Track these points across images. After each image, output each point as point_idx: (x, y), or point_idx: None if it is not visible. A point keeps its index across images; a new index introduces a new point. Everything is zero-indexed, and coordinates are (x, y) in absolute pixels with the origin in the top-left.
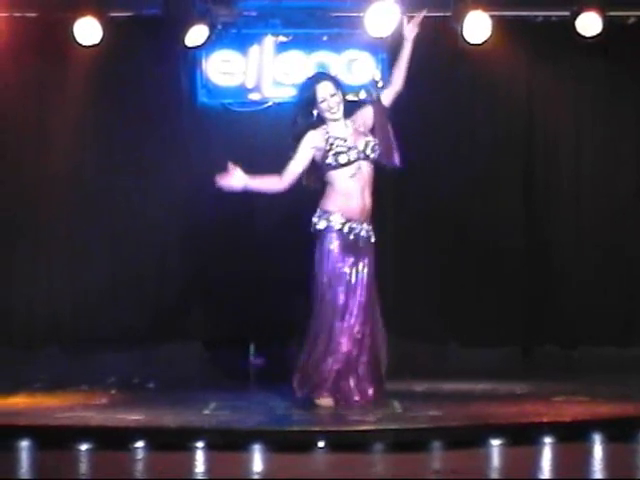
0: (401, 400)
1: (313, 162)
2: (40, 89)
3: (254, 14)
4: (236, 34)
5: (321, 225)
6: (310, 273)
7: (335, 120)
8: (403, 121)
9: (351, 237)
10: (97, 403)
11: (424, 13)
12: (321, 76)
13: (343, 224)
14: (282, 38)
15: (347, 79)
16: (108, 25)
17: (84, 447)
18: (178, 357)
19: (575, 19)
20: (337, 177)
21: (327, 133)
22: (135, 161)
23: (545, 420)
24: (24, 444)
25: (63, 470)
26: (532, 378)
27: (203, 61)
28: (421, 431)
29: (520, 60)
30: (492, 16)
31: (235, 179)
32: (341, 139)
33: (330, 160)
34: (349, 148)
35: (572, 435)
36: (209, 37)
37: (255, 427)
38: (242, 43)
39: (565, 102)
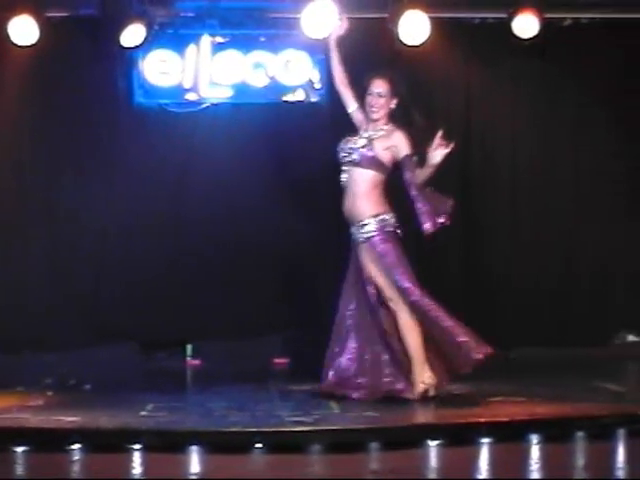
0: (338, 401)
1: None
2: None
3: (191, 14)
4: (173, 34)
5: None
6: None
7: (373, 121)
8: (340, 120)
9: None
10: (33, 405)
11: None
12: (384, 74)
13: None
14: (219, 38)
15: (284, 79)
16: (44, 25)
17: (20, 449)
18: (115, 358)
19: (512, 21)
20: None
21: (362, 128)
22: (72, 161)
23: (482, 420)
24: None
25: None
26: (469, 379)
27: (140, 61)
28: (358, 432)
29: (457, 61)
30: (429, 17)
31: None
32: (356, 139)
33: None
34: (347, 152)
35: (509, 435)
36: (146, 37)
37: (192, 428)
38: (179, 43)
39: (502, 103)
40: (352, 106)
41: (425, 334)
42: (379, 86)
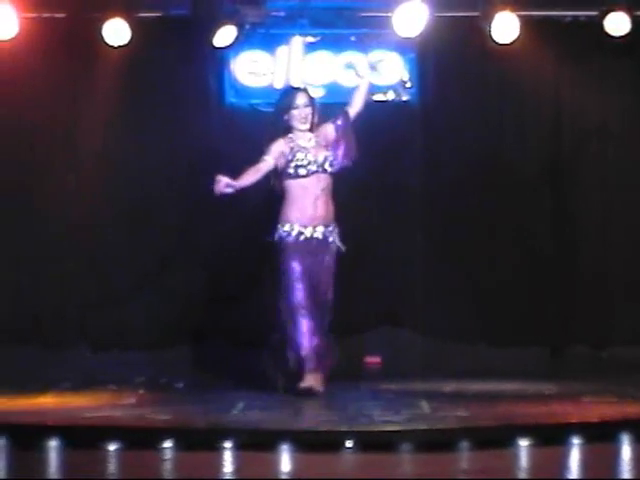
0: (429, 400)
1: (276, 168)
2: (70, 90)
3: (282, 14)
4: (264, 34)
5: (277, 234)
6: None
7: (302, 131)
8: (431, 119)
9: (301, 239)
10: (125, 403)
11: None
12: (299, 88)
13: (292, 230)
14: (310, 38)
15: (375, 79)
16: (136, 26)
17: (112, 447)
18: (205, 357)
19: (603, 19)
20: (293, 186)
21: (292, 141)
22: (165, 160)
23: (573, 420)
24: (52, 444)
25: (91, 469)
26: (561, 378)
27: (231, 61)
28: (449, 431)
29: (548, 60)
30: (520, 16)
31: (222, 186)
32: (304, 151)
33: (291, 170)
34: (309, 162)
35: (600, 435)
36: (237, 37)
37: (283, 427)
38: (270, 43)
39: (593, 101)
40: (269, 159)
41: None
42: (303, 98)
